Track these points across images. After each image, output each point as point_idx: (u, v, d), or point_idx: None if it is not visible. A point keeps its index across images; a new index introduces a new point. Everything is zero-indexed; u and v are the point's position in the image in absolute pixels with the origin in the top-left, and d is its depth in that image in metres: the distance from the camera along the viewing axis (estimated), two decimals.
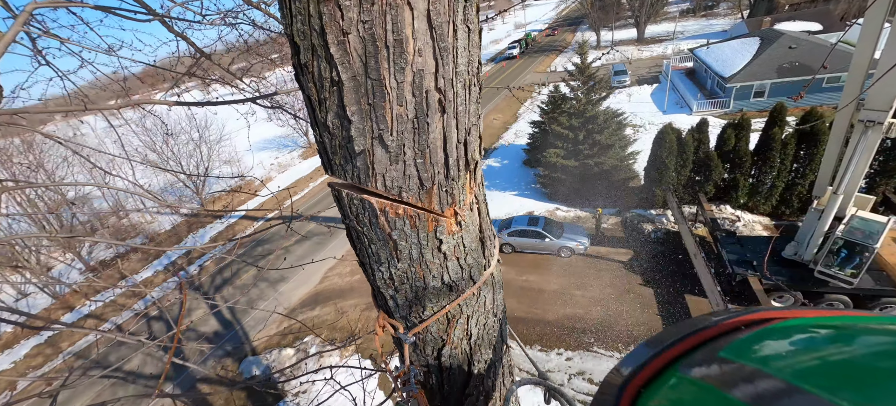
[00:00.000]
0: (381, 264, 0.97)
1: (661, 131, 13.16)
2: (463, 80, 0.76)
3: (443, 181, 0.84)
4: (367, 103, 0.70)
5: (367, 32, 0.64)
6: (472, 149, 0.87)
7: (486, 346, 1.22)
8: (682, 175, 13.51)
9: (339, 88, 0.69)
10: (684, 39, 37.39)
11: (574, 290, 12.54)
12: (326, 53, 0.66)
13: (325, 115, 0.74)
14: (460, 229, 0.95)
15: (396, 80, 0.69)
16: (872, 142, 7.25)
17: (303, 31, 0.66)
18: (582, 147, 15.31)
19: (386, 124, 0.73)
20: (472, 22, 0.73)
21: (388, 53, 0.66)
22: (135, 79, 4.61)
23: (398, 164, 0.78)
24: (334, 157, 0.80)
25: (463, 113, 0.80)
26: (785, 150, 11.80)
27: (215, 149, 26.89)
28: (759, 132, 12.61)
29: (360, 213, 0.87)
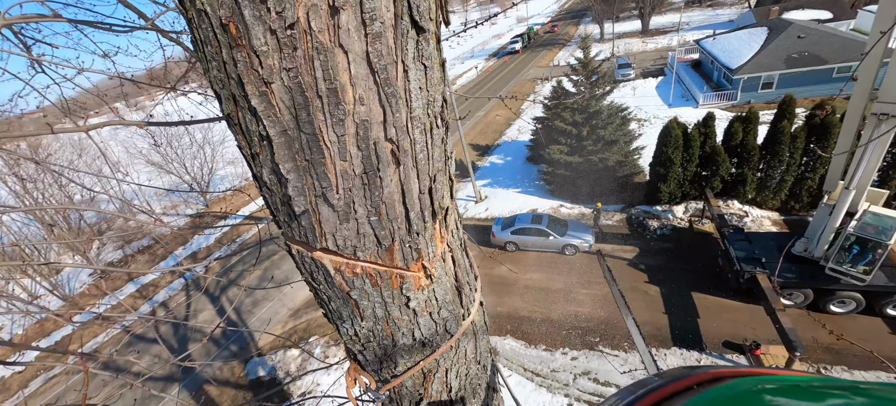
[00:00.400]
0: (343, 321, 0.86)
1: (667, 126, 12.89)
2: (421, 125, 0.65)
3: (405, 237, 0.73)
4: (305, 159, 0.59)
5: (293, 82, 0.53)
6: (439, 196, 0.76)
7: (469, 396, 1.12)
8: (688, 170, 13.24)
9: (268, 144, 0.58)
10: (690, 31, 36.73)
11: (579, 288, 12.39)
12: (249, 105, 0.55)
13: (261, 171, 0.63)
14: (431, 282, 0.84)
15: (336, 134, 0.58)
16: (886, 136, 7.01)
17: (219, 79, 0.55)
18: (586, 143, 15.08)
19: (328, 182, 0.62)
20: (429, 58, 0.62)
21: (321, 104, 0.55)
22: (132, 84, 4.55)
23: (349, 222, 0.67)
24: (277, 214, 0.69)
25: (424, 160, 0.69)
26: (794, 143, 11.50)
27: (219, 150, 27.00)
28: (767, 125, 12.31)
29: (314, 271, 0.77)
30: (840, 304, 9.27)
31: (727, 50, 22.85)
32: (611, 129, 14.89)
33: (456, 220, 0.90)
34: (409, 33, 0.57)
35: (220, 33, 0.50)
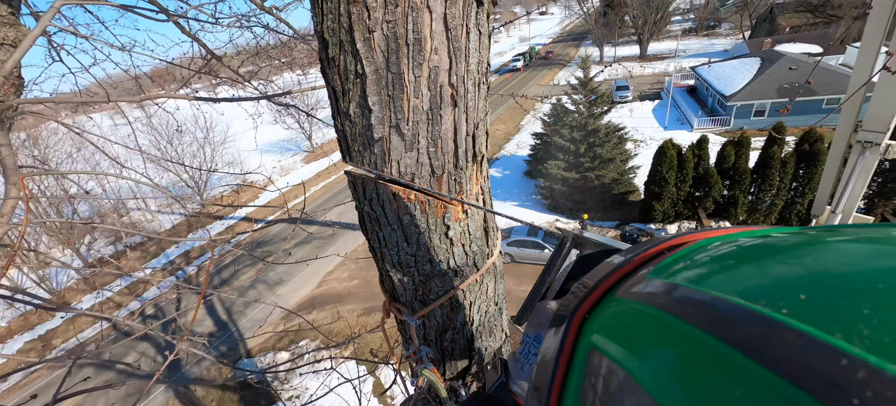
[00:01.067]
0: (390, 248, 1.04)
1: (662, 146, 13.28)
2: (473, 78, 0.84)
3: (452, 170, 0.92)
4: (387, 94, 0.78)
5: (390, 31, 0.72)
6: (480, 142, 0.95)
7: (486, 333, 1.29)
8: (681, 190, 13.59)
9: (362, 80, 0.77)
10: (686, 58, 37.83)
11: None
12: (353, 48, 0.74)
13: (348, 105, 0.82)
14: (466, 217, 1.02)
15: (414, 75, 0.77)
16: (870, 162, 7.35)
17: (332, 28, 0.74)
18: (583, 160, 15.44)
19: (403, 114, 0.80)
20: (482, 26, 0.81)
21: (407, 50, 0.74)
22: (145, 78, 4.74)
23: (412, 151, 0.86)
24: (354, 144, 0.88)
25: (472, 108, 0.88)
26: (784, 168, 11.90)
27: (219, 150, 27.07)
28: (758, 150, 12.73)
29: (373, 198, 0.95)
30: None
31: (721, 77, 23.60)
32: (608, 148, 15.27)
33: (487, 169, 1.09)
34: (472, 4, 0.77)
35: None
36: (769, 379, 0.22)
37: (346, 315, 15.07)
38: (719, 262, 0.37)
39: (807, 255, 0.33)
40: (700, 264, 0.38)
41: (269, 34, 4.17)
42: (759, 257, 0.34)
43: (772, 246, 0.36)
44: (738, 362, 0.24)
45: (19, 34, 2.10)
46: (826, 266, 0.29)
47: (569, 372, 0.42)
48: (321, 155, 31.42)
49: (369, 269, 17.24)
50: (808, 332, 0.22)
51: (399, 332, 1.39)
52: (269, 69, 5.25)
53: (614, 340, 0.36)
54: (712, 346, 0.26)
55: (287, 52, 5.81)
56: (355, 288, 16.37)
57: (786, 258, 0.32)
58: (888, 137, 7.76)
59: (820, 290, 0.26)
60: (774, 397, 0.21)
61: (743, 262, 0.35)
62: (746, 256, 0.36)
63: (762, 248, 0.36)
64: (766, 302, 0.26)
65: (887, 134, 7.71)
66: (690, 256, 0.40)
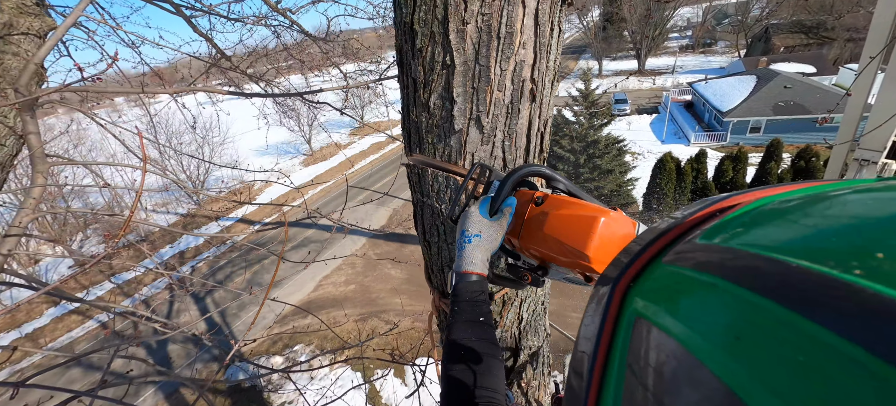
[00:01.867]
0: (450, 243, 1.04)
1: (662, 159, 13.44)
2: (550, 74, 0.86)
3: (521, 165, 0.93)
4: (472, 86, 0.80)
5: (485, 24, 0.74)
6: (547, 139, 0.96)
7: (532, 331, 1.29)
8: (679, 203, 13.73)
9: (449, 71, 0.78)
10: (683, 74, 38.47)
11: (570, 312, 12.52)
12: (444, 40, 0.75)
13: (429, 96, 0.83)
14: None
15: (501, 68, 0.78)
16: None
17: (424, 19, 0.75)
18: (583, 170, 15.56)
19: (485, 107, 0.82)
20: (562, 23, 0.83)
21: (498, 44, 0.76)
22: (152, 75, 4.73)
23: (488, 144, 0.87)
24: (428, 135, 0.89)
25: (546, 104, 0.90)
26: (781, 184, 12.09)
27: (218, 151, 26.94)
28: (755, 166, 12.92)
29: (441, 190, 0.95)
30: None
31: (718, 94, 24.00)
32: (607, 159, 15.41)
33: None
34: (559, 1, 0.79)
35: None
36: (833, 342, 0.20)
37: (343, 320, 14.93)
38: (777, 221, 0.34)
39: (881, 208, 0.29)
40: (755, 225, 0.35)
41: (283, 35, 4.19)
42: (825, 213, 0.31)
43: (839, 199, 0.33)
44: (797, 325, 0.22)
45: (44, 25, 2.10)
46: None
47: (612, 343, 0.40)
48: (320, 159, 31.39)
49: (366, 274, 17.14)
50: (885, 293, 0.20)
51: (441, 330, 1.39)
52: (275, 71, 5.26)
53: (662, 308, 0.34)
54: (770, 310, 0.24)
55: (298, 52, 5.83)
56: (352, 293, 16.25)
57: (856, 213, 0.30)
58: (885, 156, 7.96)
59: None
60: (840, 361, 0.19)
61: (804, 219, 0.32)
62: (808, 213, 0.33)
63: (828, 203, 0.33)
64: (835, 262, 0.23)
65: (884, 152, 7.89)
66: (744, 218, 0.37)
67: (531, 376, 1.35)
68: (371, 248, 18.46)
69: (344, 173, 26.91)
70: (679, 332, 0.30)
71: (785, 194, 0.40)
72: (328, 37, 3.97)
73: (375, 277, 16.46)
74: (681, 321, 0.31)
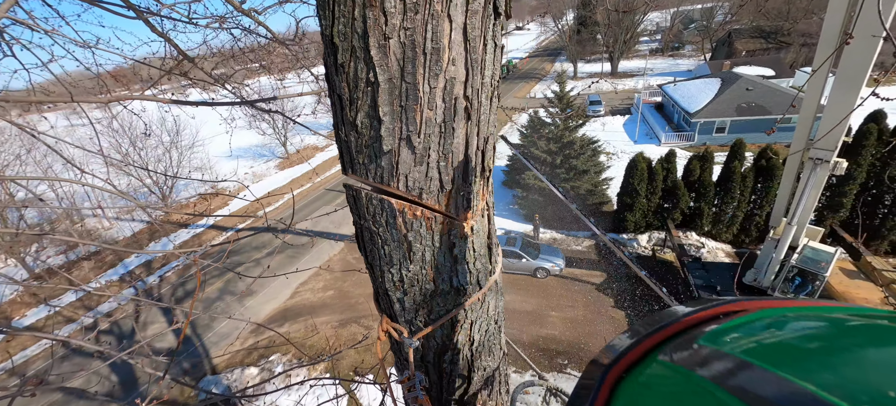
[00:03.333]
0: (392, 266, 0.98)
1: (633, 160, 13.83)
2: (487, 91, 0.82)
3: (461, 185, 0.88)
4: (400, 105, 0.74)
5: (408, 39, 0.68)
6: (488, 157, 0.92)
7: (486, 352, 1.24)
8: (651, 202, 14.16)
9: (374, 89, 0.72)
10: (654, 76, 39.86)
11: (549, 311, 12.69)
12: (366, 55, 0.69)
13: (355, 115, 0.77)
14: (472, 234, 0.98)
15: (430, 86, 0.73)
16: (821, 178, 7.92)
17: (344, 33, 0.69)
18: (559, 171, 15.82)
19: (415, 126, 0.76)
20: (498, 38, 0.79)
21: (425, 60, 0.70)
22: (108, 77, 4.45)
23: (422, 165, 0.81)
24: (358, 155, 0.82)
25: (484, 122, 0.85)
26: (744, 182, 12.66)
27: (187, 155, 25.84)
28: (721, 165, 13.50)
29: (377, 213, 0.89)
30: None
31: (686, 96, 24.97)
32: (582, 160, 15.73)
33: (492, 186, 1.05)
34: (491, 16, 0.74)
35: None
36: None
37: (321, 327, 14.58)
38: (785, 337, 0.34)
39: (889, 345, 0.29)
40: (763, 337, 0.34)
41: (247, 37, 4.01)
42: (835, 340, 0.31)
43: (849, 328, 0.33)
44: None
45: None
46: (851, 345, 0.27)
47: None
48: (297, 161, 30.59)
49: (345, 279, 16.80)
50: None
51: (394, 353, 1.32)
52: (244, 73, 5.05)
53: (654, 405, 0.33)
54: None
55: (265, 55, 5.63)
56: (330, 299, 15.89)
57: (866, 346, 0.29)
58: (836, 155, 8.35)
59: None
60: None
61: (815, 342, 0.32)
62: (819, 337, 0.33)
63: (838, 330, 0.33)
64: (847, 396, 0.23)
65: (835, 152, 8.30)
66: (750, 326, 0.37)
67: (487, 398, 1.31)
68: (349, 252, 18.12)
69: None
70: None
71: (792, 309, 0.40)
72: (296, 39, 3.83)
73: (354, 282, 16.14)
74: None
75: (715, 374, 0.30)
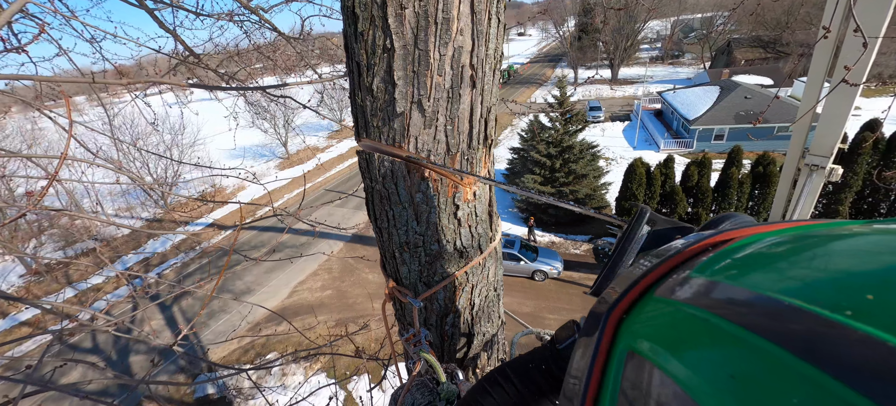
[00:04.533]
0: (400, 227, 1.06)
1: (632, 165, 13.95)
2: (490, 63, 0.90)
3: (465, 150, 0.97)
4: (412, 70, 0.82)
5: (422, 9, 0.77)
6: (491, 126, 1.00)
7: (485, 317, 1.32)
8: (650, 206, 14.26)
9: (389, 55, 0.81)
10: (653, 83, 40.16)
11: (546, 313, 12.74)
12: (384, 23, 0.78)
13: (372, 79, 0.85)
14: (474, 199, 1.06)
15: (440, 53, 0.81)
16: (816, 184, 8.04)
17: (364, 3, 0.78)
18: (558, 175, 15.93)
19: (426, 90, 0.85)
20: (501, 15, 0.88)
21: (436, 29, 0.79)
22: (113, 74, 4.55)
23: (431, 128, 0.90)
24: (373, 119, 0.91)
25: (487, 92, 0.93)
26: (741, 188, 12.78)
27: (187, 153, 25.90)
28: (719, 171, 13.62)
29: (387, 174, 0.98)
30: None
31: (685, 103, 25.17)
32: (582, 164, 15.84)
33: (494, 155, 1.14)
34: None
35: None
36: (828, 384, 0.20)
37: (318, 326, 14.59)
38: (769, 258, 0.35)
39: (871, 250, 0.30)
40: (748, 261, 0.36)
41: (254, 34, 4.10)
42: (816, 253, 0.32)
43: (829, 239, 0.34)
44: (793, 366, 0.22)
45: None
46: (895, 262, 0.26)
47: (604, 376, 0.40)
48: (296, 162, 30.71)
49: (343, 278, 16.84)
50: (876, 335, 0.20)
51: (397, 319, 1.40)
52: (248, 71, 5.14)
53: (655, 342, 0.34)
54: (764, 349, 0.24)
55: (271, 52, 5.72)
56: (328, 298, 15.91)
57: (847, 254, 0.30)
58: (831, 162, 8.53)
59: (889, 289, 0.23)
60: (835, 404, 0.19)
61: (796, 258, 0.33)
62: (799, 252, 0.33)
63: (818, 243, 0.33)
64: (826, 302, 0.24)
65: (831, 158, 8.46)
66: (736, 253, 0.38)
67: (486, 362, 1.38)
68: (347, 251, 18.15)
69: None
70: (671, 367, 0.30)
71: (775, 232, 0.41)
72: (302, 37, 3.93)
73: (352, 282, 16.19)
74: (673, 356, 0.31)
75: (704, 301, 0.32)
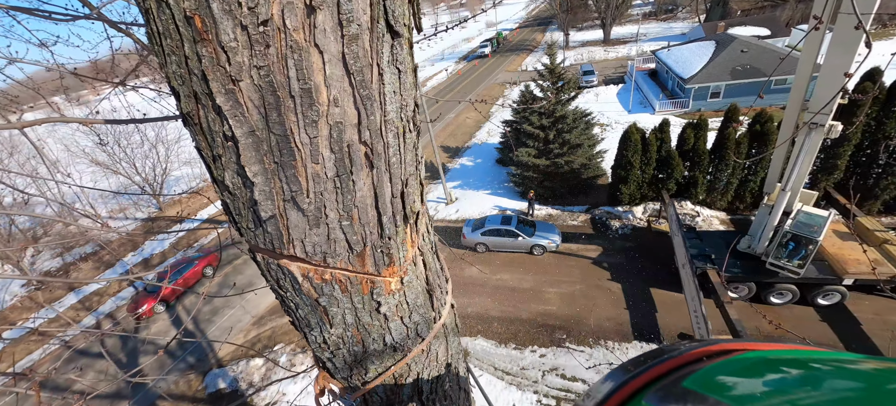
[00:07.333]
0: (311, 329, 0.84)
1: (627, 131, 13.59)
2: (394, 128, 0.65)
3: (377, 241, 0.72)
4: (273, 162, 0.57)
5: (264, 80, 0.51)
6: (411, 200, 0.76)
7: (440, 398, 1.12)
8: (646, 173, 14.02)
9: (234, 145, 0.56)
10: (647, 41, 38.96)
11: (547, 287, 12.75)
12: (213, 103, 0.52)
13: (223, 174, 0.60)
14: (402, 287, 0.83)
15: (308, 135, 0.56)
16: (815, 142, 7.77)
17: (179, 75, 0.52)
18: (552, 146, 15.57)
19: (299, 185, 0.60)
20: (402, 62, 0.62)
21: (294, 104, 0.53)
22: (74, 77, 4.25)
23: (320, 227, 0.65)
24: (239, 220, 0.66)
25: (397, 164, 0.68)
26: (738, 148, 12.49)
27: (173, 149, 25.35)
28: (715, 131, 13.29)
29: (280, 278, 0.74)
30: (778, 296, 10.15)
31: (680, 61, 24.44)
32: (576, 133, 15.47)
33: (427, 223, 0.90)
34: (385, 37, 0.57)
35: (182, 26, 0.47)
36: None
37: None
38: (766, 382, 0.34)
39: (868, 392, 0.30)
40: (744, 381, 0.35)
41: None
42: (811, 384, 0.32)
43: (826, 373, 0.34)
44: None
45: None
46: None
47: None
48: None
49: None
50: None
51: None
52: None
53: None
54: None
55: None
56: None
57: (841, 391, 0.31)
58: (831, 118, 8.07)
59: None
60: None
61: (792, 386, 0.33)
62: (798, 381, 0.34)
63: (816, 374, 0.34)
64: None
65: (830, 115, 8.01)
66: (733, 369, 0.38)
67: None
68: None
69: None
70: None
71: (773, 353, 0.41)
72: None
73: None
74: None
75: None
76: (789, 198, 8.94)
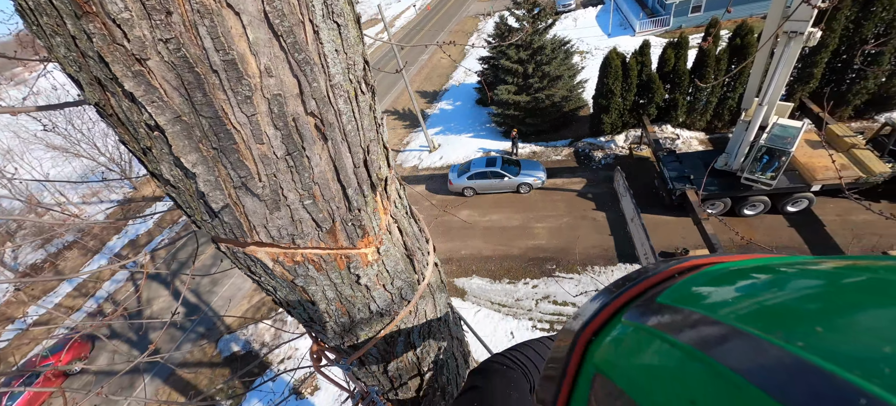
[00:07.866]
0: (294, 308, 0.82)
1: (607, 57, 13.22)
2: (344, 93, 0.58)
3: (346, 215, 0.68)
4: (212, 148, 0.51)
5: (176, 56, 0.43)
6: (376, 167, 0.71)
7: (433, 350, 1.16)
8: (627, 100, 13.90)
9: (161, 134, 0.49)
10: None
11: (534, 222, 13.11)
12: (122, 89, 0.45)
13: (158, 167, 0.54)
14: (379, 256, 0.81)
15: (244, 114, 0.49)
16: (794, 51, 7.72)
17: (72, 60, 0.43)
18: (532, 80, 15.15)
19: (247, 170, 0.54)
20: (340, 14, 0.53)
21: (219, 80, 0.46)
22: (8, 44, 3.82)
23: (281, 210, 0.61)
24: (192, 213, 0.61)
25: (353, 131, 0.62)
26: (718, 65, 12.36)
27: None
28: (695, 49, 13.04)
29: (250, 265, 0.71)
30: (751, 208, 10.68)
31: None
32: (555, 65, 15.00)
33: (398, 188, 0.86)
34: None
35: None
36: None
37: None
38: (734, 289, 0.37)
39: (828, 287, 0.32)
40: (712, 291, 0.37)
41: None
42: (777, 286, 0.34)
43: (789, 275, 0.36)
44: (748, 395, 0.23)
45: None
46: (848, 300, 0.29)
47: (572, 393, 0.42)
48: None
49: None
50: (824, 367, 0.22)
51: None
52: None
53: (619, 365, 0.37)
54: (723, 375, 0.26)
55: None
56: None
57: (804, 289, 0.32)
58: (810, 26, 7.94)
59: (838, 324, 0.25)
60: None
61: (758, 290, 0.35)
62: (763, 284, 0.36)
63: (780, 277, 0.36)
64: (783, 334, 0.25)
65: (809, 22, 7.88)
66: (702, 281, 0.40)
67: (446, 383, 1.26)
68: None
69: None
70: (634, 390, 0.32)
71: (745, 262, 0.43)
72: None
73: None
74: (636, 379, 0.33)
75: (667, 326, 0.34)
76: (766, 111, 9.05)
